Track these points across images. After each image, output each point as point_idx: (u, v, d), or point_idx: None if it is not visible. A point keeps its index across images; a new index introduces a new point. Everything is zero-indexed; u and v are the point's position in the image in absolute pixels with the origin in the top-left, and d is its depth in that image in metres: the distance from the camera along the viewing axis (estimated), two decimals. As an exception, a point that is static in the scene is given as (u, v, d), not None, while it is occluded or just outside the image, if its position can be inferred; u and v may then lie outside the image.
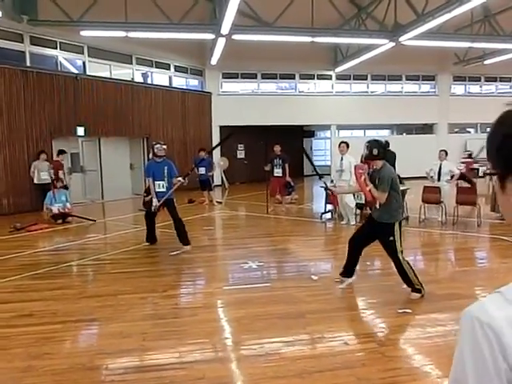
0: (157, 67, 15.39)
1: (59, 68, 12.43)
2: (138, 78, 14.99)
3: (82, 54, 12.85)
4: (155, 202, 6.73)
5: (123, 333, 3.98)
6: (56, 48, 12.19)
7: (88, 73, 12.96)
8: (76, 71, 12.88)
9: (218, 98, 17.24)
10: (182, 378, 3.15)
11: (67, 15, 10.84)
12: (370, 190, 4.50)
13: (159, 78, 15.79)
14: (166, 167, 6.83)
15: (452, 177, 8.86)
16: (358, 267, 5.12)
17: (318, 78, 18.60)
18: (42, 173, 10.95)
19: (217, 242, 6.91)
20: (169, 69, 15.87)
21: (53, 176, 10.72)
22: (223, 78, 17.50)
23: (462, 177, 9.59)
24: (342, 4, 13.62)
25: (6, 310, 4.49)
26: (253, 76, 17.79)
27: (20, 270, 5.89)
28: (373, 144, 4.51)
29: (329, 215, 9.79)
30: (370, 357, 3.43)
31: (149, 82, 15.31)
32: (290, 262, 6.46)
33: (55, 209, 9.66)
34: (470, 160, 15.31)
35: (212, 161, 12.87)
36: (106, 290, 5.16)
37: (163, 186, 6.75)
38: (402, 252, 4.51)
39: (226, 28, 11.13)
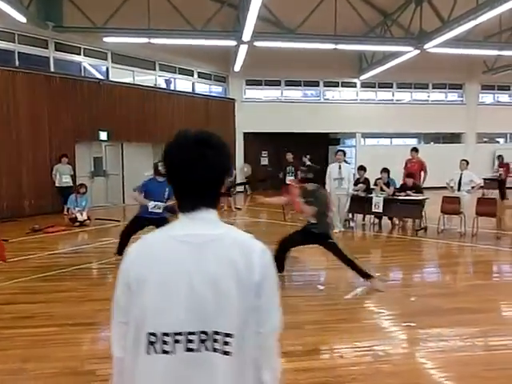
0: (180, 73, 15.57)
1: (83, 74, 12.74)
2: (161, 84, 15.19)
3: (106, 60, 13.15)
4: (152, 204, 6.13)
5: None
6: (80, 54, 12.52)
7: (111, 78, 13.23)
8: (101, 77, 13.18)
9: (241, 105, 17.29)
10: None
11: (91, 22, 11.12)
12: (299, 204, 5.25)
13: (182, 84, 15.96)
14: (167, 188, 6.18)
15: (473, 187, 8.56)
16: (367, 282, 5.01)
17: (342, 86, 18.40)
18: (63, 176, 11.18)
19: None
20: (192, 75, 16.03)
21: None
22: (247, 84, 17.55)
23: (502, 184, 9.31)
24: (366, 11, 13.46)
25: (8, 311, 4.53)
26: (276, 83, 17.76)
27: (30, 271, 5.97)
28: (309, 169, 5.67)
29: (347, 224, 9.58)
30: (363, 372, 3.28)
31: (172, 88, 15.49)
32: (298, 270, 6.30)
33: (76, 212, 9.84)
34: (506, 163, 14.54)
35: (232, 167, 12.85)
36: (111, 294, 5.11)
37: (159, 208, 6.17)
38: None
39: (247, 35, 11.15)
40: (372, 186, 9.46)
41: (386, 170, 9.43)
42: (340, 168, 8.71)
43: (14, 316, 4.40)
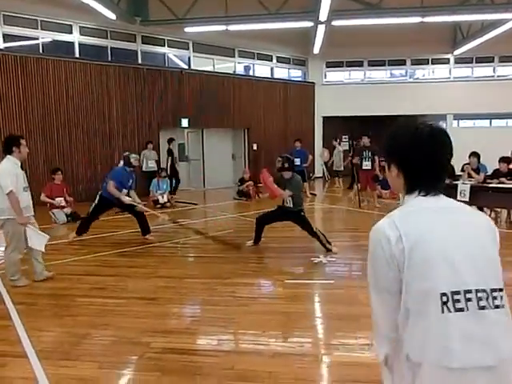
0: (259, 59, 15.64)
1: (166, 64, 13.40)
2: (240, 71, 15.41)
3: (188, 49, 13.67)
4: (127, 199, 6.83)
5: (175, 314, 4.16)
6: (164, 45, 13.18)
7: (192, 67, 13.73)
8: (184, 66, 13.75)
9: (321, 88, 16.90)
10: (212, 365, 3.17)
11: (174, 14, 11.60)
12: (276, 189, 6.10)
13: (261, 69, 16.03)
14: (131, 179, 6.95)
15: None
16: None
17: (432, 63, 17.03)
18: (149, 161, 11.98)
19: (295, 234, 6.79)
20: (271, 60, 16.01)
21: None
22: (327, 67, 17.07)
23: None
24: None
25: (87, 282, 5.03)
26: (359, 64, 17.01)
27: (110, 247, 6.56)
28: (284, 159, 6.24)
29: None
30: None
31: (250, 73, 15.64)
32: (366, 260, 6.03)
33: (157, 195, 10.52)
34: None
35: (307, 152, 12.69)
36: (175, 272, 5.45)
37: (127, 195, 6.88)
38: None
39: (324, 14, 10.80)
40: (459, 173, 8.69)
41: (475, 155, 8.59)
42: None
43: (89, 286, 4.86)
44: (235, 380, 2.96)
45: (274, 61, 16.09)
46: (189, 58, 13.83)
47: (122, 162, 7.18)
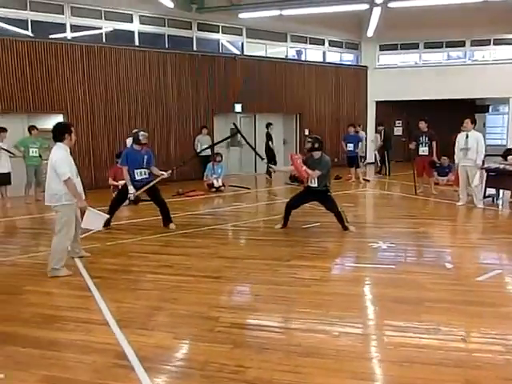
0: (311, 43, 15.46)
1: (221, 50, 13.56)
2: (292, 55, 15.30)
3: (241, 35, 13.75)
4: (131, 190, 6.56)
5: (240, 292, 4.36)
6: (218, 32, 13.34)
7: (246, 53, 13.81)
8: (237, 52, 13.87)
9: (374, 72, 16.48)
10: (279, 342, 3.30)
11: (228, 0, 11.69)
12: (305, 170, 6.27)
13: (313, 54, 15.82)
14: (145, 156, 6.63)
15: None
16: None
17: (494, 44, 16.06)
18: (203, 146, 12.27)
19: (352, 220, 6.80)
20: (323, 44, 15.76)
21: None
22: (380, 50, 16.57)
23: None
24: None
25: (155, 260, 5.34)
26: (414, 46, 16.38)
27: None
28: (314, 139, 6.44)
29: (489, 200, 8.65)
30: (489, 360, 3.00)
31: (302, 58, 15.49)
32: (426, 246, 5.98)
33: (212, 179, 10.81)
34: None
35: (360, 137, 12.50)
36: (237, 253, 5.66)
37: (145, 173, 6.59)
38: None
39: (381, -4, 10.51)
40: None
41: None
42: (467, 137, 8.15)
43: (157, 264, 5.16)
44: (303, 356, 3.08)
45: (326, 45, 15.83)
46: (242, 44, 13.92)
47: (129, 140, 6.79)
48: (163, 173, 6.72)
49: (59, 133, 4.81)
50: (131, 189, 6.56)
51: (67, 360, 3.10)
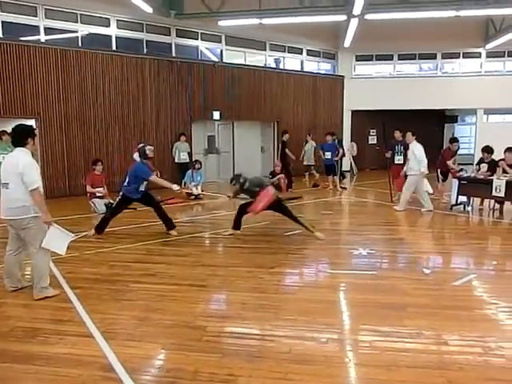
0: (289, 52, 15.68)
1: (199, 57, 13.57)
2: (271, 64, 15.47)
3: (220, 42, 13.81)
4: (177, 187, 6.95)
5: (226, 300, 4.35)
6: (197, 39, 13.35)
7: (224, 60, 13.87)
8: (215, 59, 13.90)
9: (350, 82, 16.84)
10: (269, 349, 3.32)
11: (208, 7, 11.73)
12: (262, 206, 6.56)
13: (291, 62, 16.05)
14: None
15: None
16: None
17: (463, 57, 16.75)
18: (181, 153, 12.23)
19: (331, 227, 6.91)
20: (301, 53, 16.01)
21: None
22: (356, 60, 16.98)
23: None
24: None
25: (137, 269, 5.26)
26: (389, 57, 16.87)
27: (153, 236, 6.80)
28: (235, 179, 7.08)
29: (461, 208, 8.95)
30: (469, 362, 3.13)
31: (281, 67, 15.69)
32: (404, 252, 6.13)
33: (191, 186, 10.73)
34: None
35: (338, 146, 12.72)
36: (220, 261, 5.64)
37: (146, 185, 7.00)
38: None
39: (358, 8, 10.77)
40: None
41: (511, 150, 8.53)
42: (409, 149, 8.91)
43: (140, 273, 5.09)
44: (294, 363, 3.11)
45: (304, 54, 16.10)
46: (221, 51, 13.97)
47: (136, 155, 6.95)
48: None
49: (22, 137, 4.27)
50: (175, 186, 6.92)
51: (52, 374, 3.02)
